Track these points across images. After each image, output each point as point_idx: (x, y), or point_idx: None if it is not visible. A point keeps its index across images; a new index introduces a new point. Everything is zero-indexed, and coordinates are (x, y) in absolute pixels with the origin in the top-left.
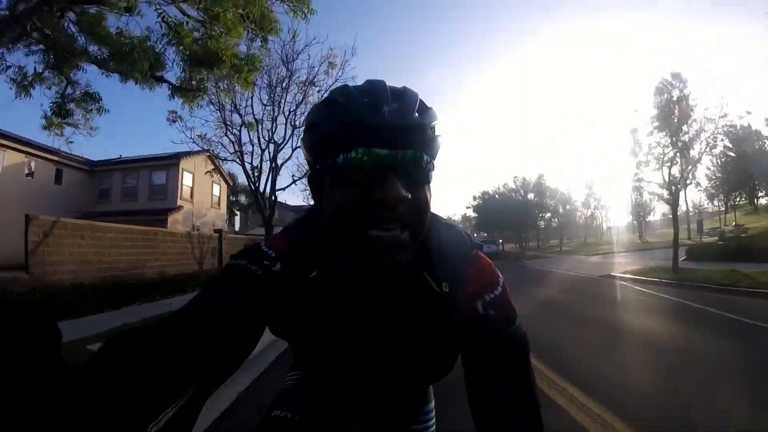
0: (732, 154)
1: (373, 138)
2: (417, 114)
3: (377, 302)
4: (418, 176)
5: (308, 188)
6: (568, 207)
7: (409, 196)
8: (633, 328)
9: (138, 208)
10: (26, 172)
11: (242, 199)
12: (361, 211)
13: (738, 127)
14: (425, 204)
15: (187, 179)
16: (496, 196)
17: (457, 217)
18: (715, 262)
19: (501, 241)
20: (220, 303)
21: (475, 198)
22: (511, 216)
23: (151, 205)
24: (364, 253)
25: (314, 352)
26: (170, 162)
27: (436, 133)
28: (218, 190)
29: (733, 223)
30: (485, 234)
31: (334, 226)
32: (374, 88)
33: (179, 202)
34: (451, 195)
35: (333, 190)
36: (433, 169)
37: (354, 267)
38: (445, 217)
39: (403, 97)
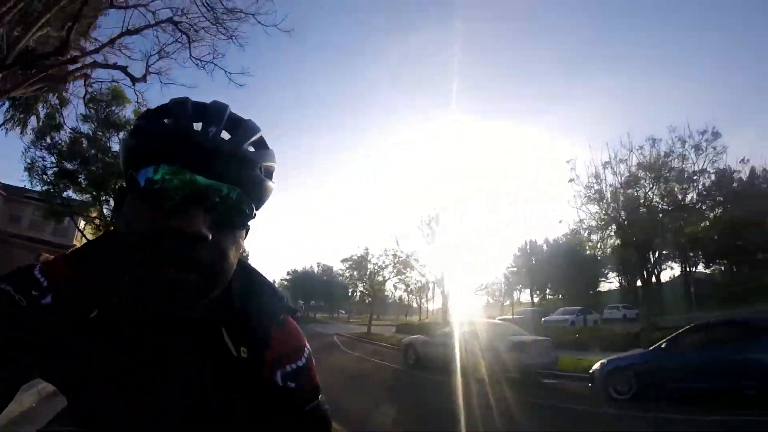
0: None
1: (189, 158)
2: (251, 148)
3: (159, 360)
4: (230, 217)
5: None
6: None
7: (210, 236)
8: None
9: (44, 238)
10: None
11: None
12: (153, 241)
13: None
14: (229, 250)
15: (81, 225)
16: (303, 275)
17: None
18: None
19: (302, 306)
20: None
21: (288, 273)
22: (318, 291)
23: (55, 239)
24: (146, 294)
25: (87, 408)
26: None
27: (270, 179)
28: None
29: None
30: (300, 302)
31: (121, 256)
32: (213, 107)
33: (75, 242)
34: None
35: (129, 210)
36: (253, 216)
37: (138, 311)
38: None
39: (242, 126)
